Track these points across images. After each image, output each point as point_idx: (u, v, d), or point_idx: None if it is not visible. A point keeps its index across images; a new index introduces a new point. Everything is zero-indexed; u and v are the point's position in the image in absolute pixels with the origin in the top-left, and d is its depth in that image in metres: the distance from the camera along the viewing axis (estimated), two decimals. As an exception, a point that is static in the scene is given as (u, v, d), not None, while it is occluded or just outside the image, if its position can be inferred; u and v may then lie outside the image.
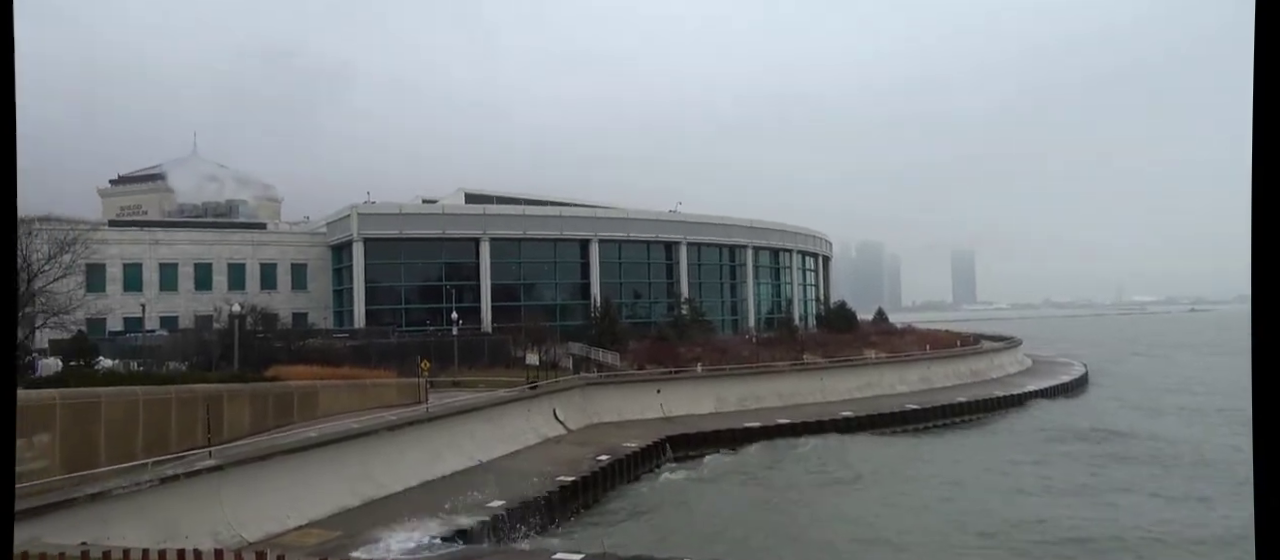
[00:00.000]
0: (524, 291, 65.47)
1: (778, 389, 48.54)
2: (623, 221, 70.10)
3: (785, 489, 30.17)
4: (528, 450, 33.54)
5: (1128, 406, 52.11)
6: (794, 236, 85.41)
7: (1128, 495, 28.25)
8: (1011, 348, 75.10)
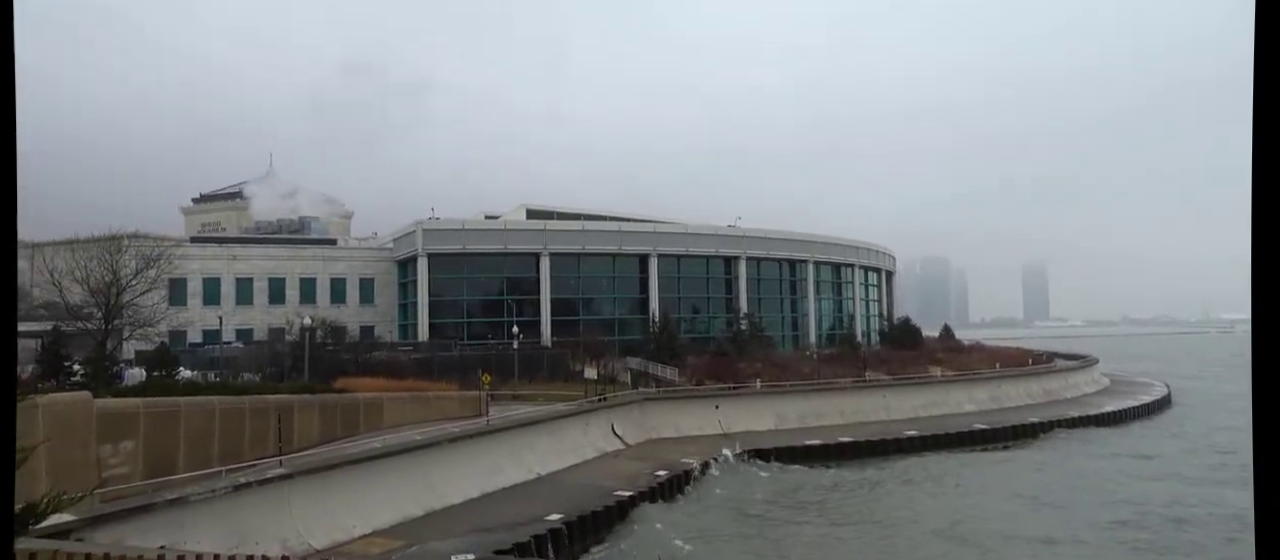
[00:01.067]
0: (583, 306, 65.99)
1: (839, 406, 47.61)
2: (682, 236, 70.12)
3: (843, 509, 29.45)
4: (586, 464, 33.64)
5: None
6: (856, 251, 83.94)
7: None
8: (1087, 366, 72.06)
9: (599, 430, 37.64)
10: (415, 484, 24.90)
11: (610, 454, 36.20)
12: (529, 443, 32.06)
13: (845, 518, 28.19)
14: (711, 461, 35.19)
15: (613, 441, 37.88)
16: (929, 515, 28.36)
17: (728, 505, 30.00)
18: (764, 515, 28.59)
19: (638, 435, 40.25)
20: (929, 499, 31.18)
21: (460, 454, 27.84)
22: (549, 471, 31.39)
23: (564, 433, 34.74)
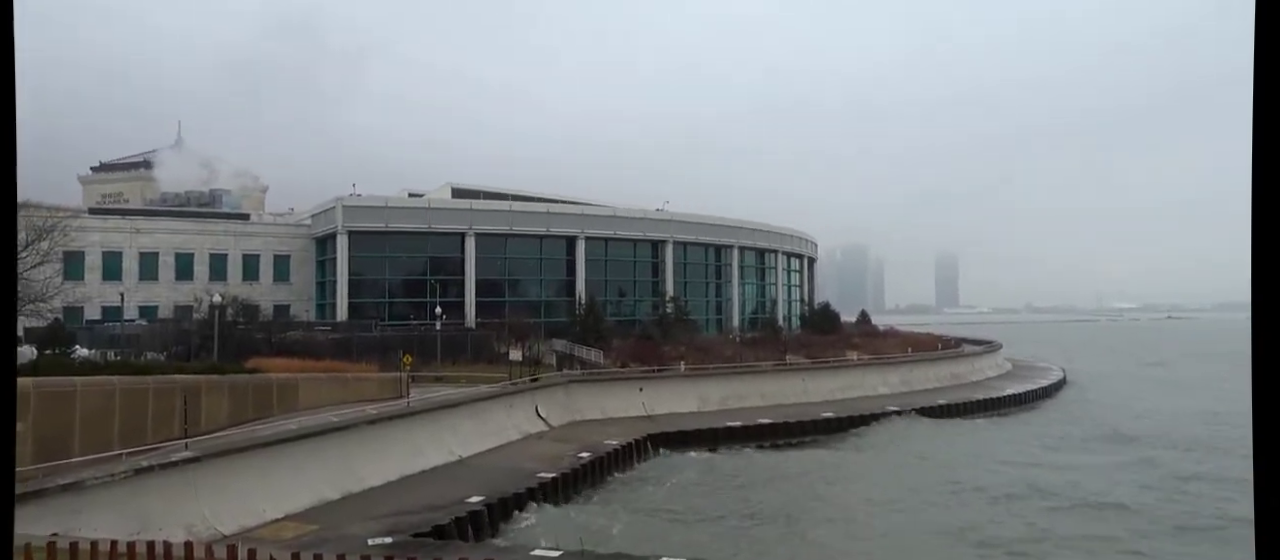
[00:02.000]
0: (509, 287, 65.38)
1: (760, 389, 48.65)
2: (610, 219, 70.15)
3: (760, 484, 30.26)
4: (510, 446, 33.43)
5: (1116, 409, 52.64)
6: (780, 237, 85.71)
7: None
8: (991, 351, 75.71)
9: (523, 412, 37.44)
10: (332, 467, 24.27)
11: (534, 436, 36.05)
12: (451, 425, 31.64)
13: (756, 496, 28.96)
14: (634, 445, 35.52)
15: (536, 423, 37.73)
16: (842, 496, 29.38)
17: (651, 487, 30.39)
18: (684, 503, 29.09)
19: (562, 417, 40.17)
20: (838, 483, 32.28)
21: (379, 436, 27.27)
22: (471, 454, 31.07)
23: (487, 415, 34.42)
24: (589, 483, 29.86)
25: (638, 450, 35.57)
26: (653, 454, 36.13)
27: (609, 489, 30.04)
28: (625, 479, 31.83)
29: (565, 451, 32.20)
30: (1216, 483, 30.68)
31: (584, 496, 28.57)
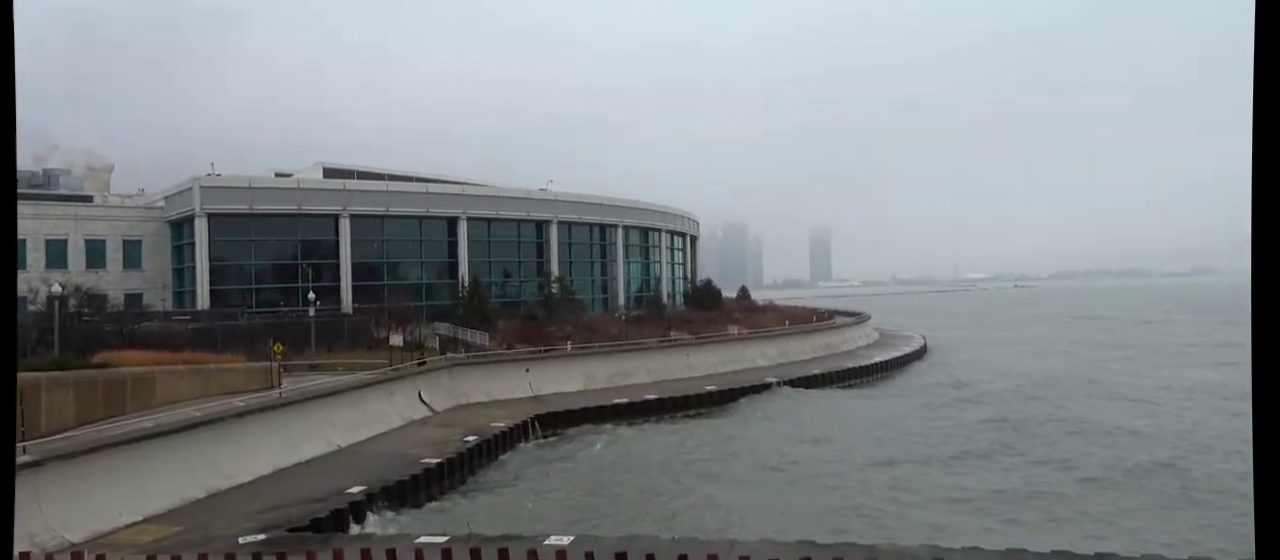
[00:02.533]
0: (387, 270, 63.07)
1: (646, 366, 49.41)
2: (493, 199, 68.81)
3: (645, 463, 30.86)
4: (391, 433, 32.48)
5: (964, 375, 56.90)
6: (663, 216, 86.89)
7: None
8: (861, 322, 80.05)
9: (405, 398, 36.41)
10: (196, 464, 22.76)
11: (417, 422, 35.17)
12: (328, 415, 30.34)
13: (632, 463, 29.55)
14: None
15: (420, 409, 36.81)
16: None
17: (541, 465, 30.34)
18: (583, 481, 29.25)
19: (446, 401, 39.39)
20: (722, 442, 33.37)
21: (249, 430, 25.78)
22: (350, 443, 29.95)
23: (367, 402, 33.23)
24: (476, 465, 29.45)
25: (526, 431, 35.41)
26: (541, 434, 36.06)
27: (498, 471, 29.74)
28: (514, 460, 31.62)
29: (451, 436, 31.59)
30: (1056, 424, 34.09)
31: (471, 479, 28.17)
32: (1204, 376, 51.30)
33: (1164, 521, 21.69)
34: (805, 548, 16.13)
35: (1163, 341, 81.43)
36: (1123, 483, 25.68)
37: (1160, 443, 31.48)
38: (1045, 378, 52.92)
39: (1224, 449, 29.78)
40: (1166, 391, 46.08)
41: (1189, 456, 29.00)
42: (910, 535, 19.60)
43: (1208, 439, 32.02)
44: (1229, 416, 36.51)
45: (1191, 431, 33.83)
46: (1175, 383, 49.17)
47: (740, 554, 5.39)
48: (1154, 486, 25.23)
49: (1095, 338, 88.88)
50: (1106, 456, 29.52)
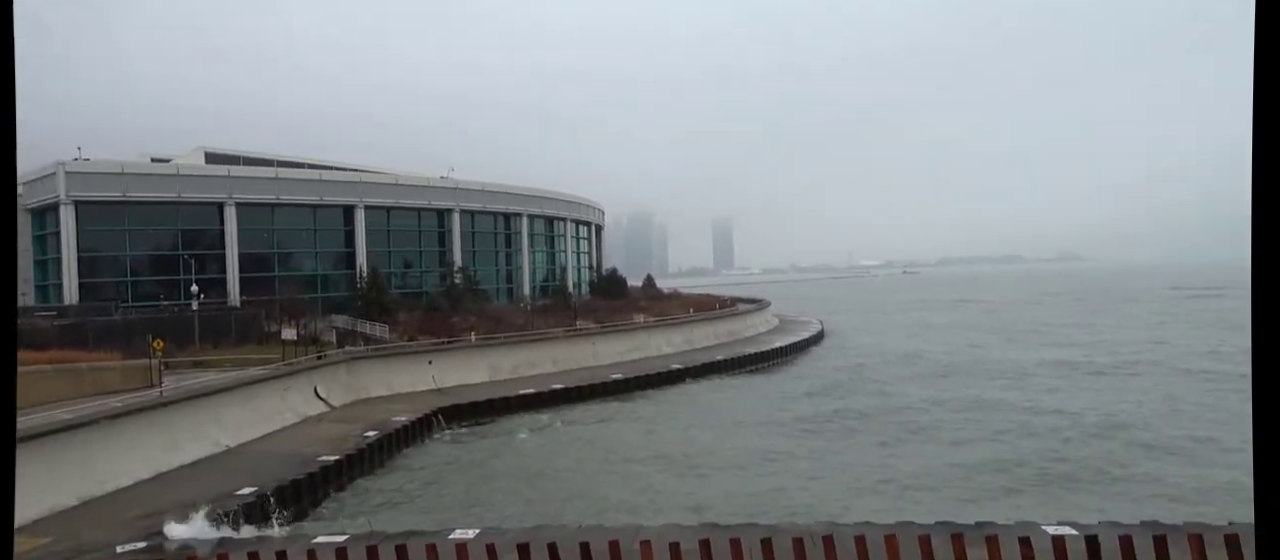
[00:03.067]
0: (279, 261, 60.12)
1: (552, 355, 49.27)
2: (392, 187, 66.58)
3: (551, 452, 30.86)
4: (286, 431, 31.22)
5: (858, 361, 59.47)
6: (569, 205, 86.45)
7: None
8: (762, 309, 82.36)
9: (300, 394, 35.02)
10: (65, 470, 21.19)
11: (314, 418, 33.93)
12: (215, 414, 28.82)
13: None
14: (425, 417, 34.55)
15: (316, 405, 35.52)
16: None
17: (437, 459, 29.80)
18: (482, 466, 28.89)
19: (345, 396, 38.17)
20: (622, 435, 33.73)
21: (127, 432, 24.19)
22: (240, 442, 28.58)
23: (258, 399, 31.75)
24: (377, 462, 28.67)
25: (428, 425, 34.71)
26: (444, 427, 35.43)
27: (399, 466, 29.04)
28: (415, 454, 30.96)
29: (350, 432, 30.67)
30: (942, 406, 36.18)
31: (372, 476, 27.41)
32: (1069, 355, 55.68)
33: (1040, 494, 23.45)
34: (707, 529, 16.60)
35: (1037, 322, 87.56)
36: (1016, 461, 27.46)
37: (1039, 418, 33.92)
38: (935, 362, 56.00)
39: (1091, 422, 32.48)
40: (1040, 367, 49.70)
41: (1067, 431, 31.45)
42: (816, 514, 20.43)
43: (1078, 414, 34.76)
44: (1093, 394, 39.84)
45: (1062, 408, 36.62)
46: (1046, 360, 53.08)
47: (642, 538, 5.54)
48: (1035, 461, 27.20)
49: (977, 322, 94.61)
50: (994, 433, 31.62)
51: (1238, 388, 38.02)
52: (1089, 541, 6.98)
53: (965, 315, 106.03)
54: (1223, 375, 43.28)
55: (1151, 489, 22.94)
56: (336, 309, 54.48)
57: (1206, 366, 47.45)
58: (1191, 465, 25.47)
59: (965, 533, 7.08)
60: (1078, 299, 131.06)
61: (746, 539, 5.97)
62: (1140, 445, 28.41)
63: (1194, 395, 38.13)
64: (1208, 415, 33.11)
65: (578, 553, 5.23)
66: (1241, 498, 20.32)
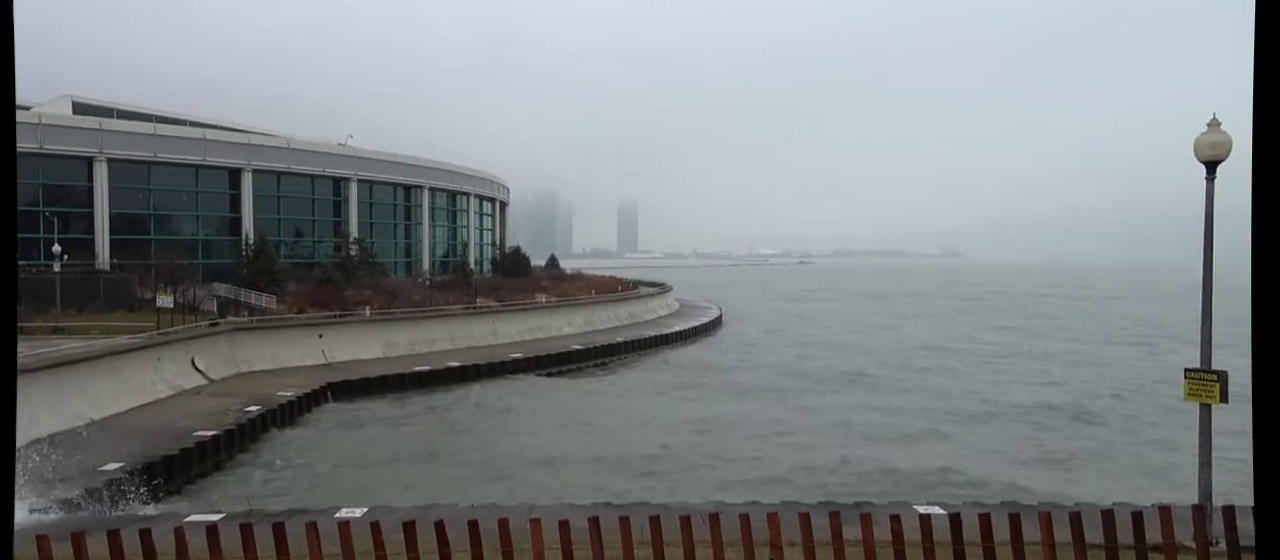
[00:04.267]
0: (155, 224, 56.13)
1: (450, 332, 48.31)
2: (283, 151, 63.22)
3: (442, 429, 30.37)
4: (157, 404, 29.37)
5: (755, 344, 61.20)
6: (472, 180, 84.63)
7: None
8: (664, 293, 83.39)
9: (175, 365, 32.98)
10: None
11: (190, 391, 32.08)
12: (77, 384, 26.76)
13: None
14: (313, 393, 33.23)
15: (194, 377, 33.57)
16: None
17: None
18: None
19: (226, 369, 36.28)
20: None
21: (-28, 402, 22.09)
22: (105, 415, 26.68)
23: (127, 370, 29.68)
24: (258, 438, 27.43)
25: (315, 400, 33.44)
26: (331, 402, 34.23)
27: (282, 443, 27.86)
28: (300, 432, 29.76)
29: (230, 406, 29.24)
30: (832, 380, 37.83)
31: (251, 453, 26.18)
32: (956, 343, 59.29)
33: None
34: (598, 508, 16.79)
35: (924, 311, 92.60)
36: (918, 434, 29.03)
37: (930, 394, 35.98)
38: (824, 343, 58.29)
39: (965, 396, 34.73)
40: (925, 351, 52.65)
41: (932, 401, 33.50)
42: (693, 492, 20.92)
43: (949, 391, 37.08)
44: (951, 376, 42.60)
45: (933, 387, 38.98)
46: (933, 345, 56.29)
47: (531, 517, 5.58)
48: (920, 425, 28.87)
49: (873, 309, 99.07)
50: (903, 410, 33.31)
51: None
52: (952, 519, 7.52)
53: (862, 306, 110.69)
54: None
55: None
56: (219, 277, 51.54)
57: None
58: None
59: (842, 511, 7.55)
60: (961, 298, 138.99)
61: (635, 517, 6.07)
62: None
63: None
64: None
65: (466, 532, 5.19)
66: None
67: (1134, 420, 32.74)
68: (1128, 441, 29.11)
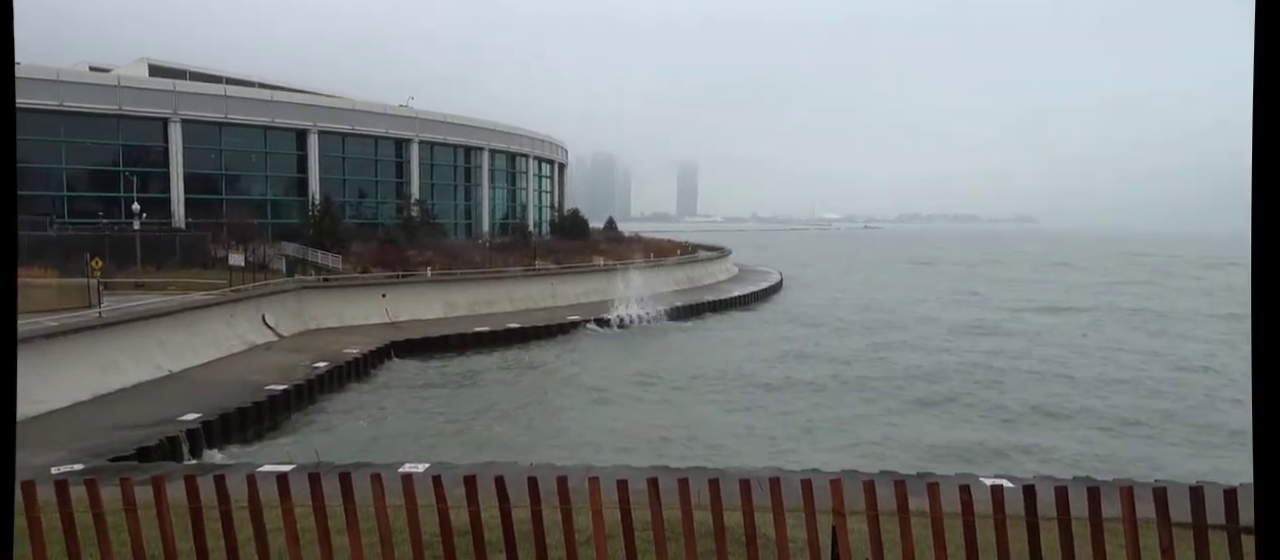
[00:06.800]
0: (226, 184, 58.31)
1: (510, 294, 49.05)
2: (348, 113, 64.68)
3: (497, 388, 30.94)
4: (231, 358, 30.70)
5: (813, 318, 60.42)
6: (531, 142, 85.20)
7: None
8: (723, 257, 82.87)
9: (247, 322, 34.38)
10: (-4, 390, 20.55)
11: (261, 347, 33.39)
12: (158, 337, 28.16)
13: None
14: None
15: (264, 333, 34.93)
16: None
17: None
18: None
19: (294, 326, 37.61)
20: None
21: (63, 352, 23.52)
22: (184, 368, 28.06)
23: (203, 325, 31.09)
24: (328, 392, 28.44)
25: (380, 357, 34.44)
26: (396, 360, 35.19)
27: (352, 397, 28.82)
28: (368, 387, 30.73)
29: (299, 362, 30.32)
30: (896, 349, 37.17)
31: (320, 407, 27.18)
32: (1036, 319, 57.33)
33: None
34: (656, 471, 16.88)
35: (999, 280, 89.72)
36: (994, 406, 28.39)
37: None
38: (885, 312, 57.13)
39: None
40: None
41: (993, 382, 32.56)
42: (768, 459, 20.89)
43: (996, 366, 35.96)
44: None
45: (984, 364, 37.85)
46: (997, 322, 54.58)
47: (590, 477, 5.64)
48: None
49: (938, 282, 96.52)
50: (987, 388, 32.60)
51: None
52: (1026, 490, 7.29)
53: (928, 276, 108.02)
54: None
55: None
56: (287, 237, 53.27)
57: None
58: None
59: (908, 480, 7.40)
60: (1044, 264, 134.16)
61: (694, 480, 6.05)
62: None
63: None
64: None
65: (526, 488, 5.24)
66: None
67: None
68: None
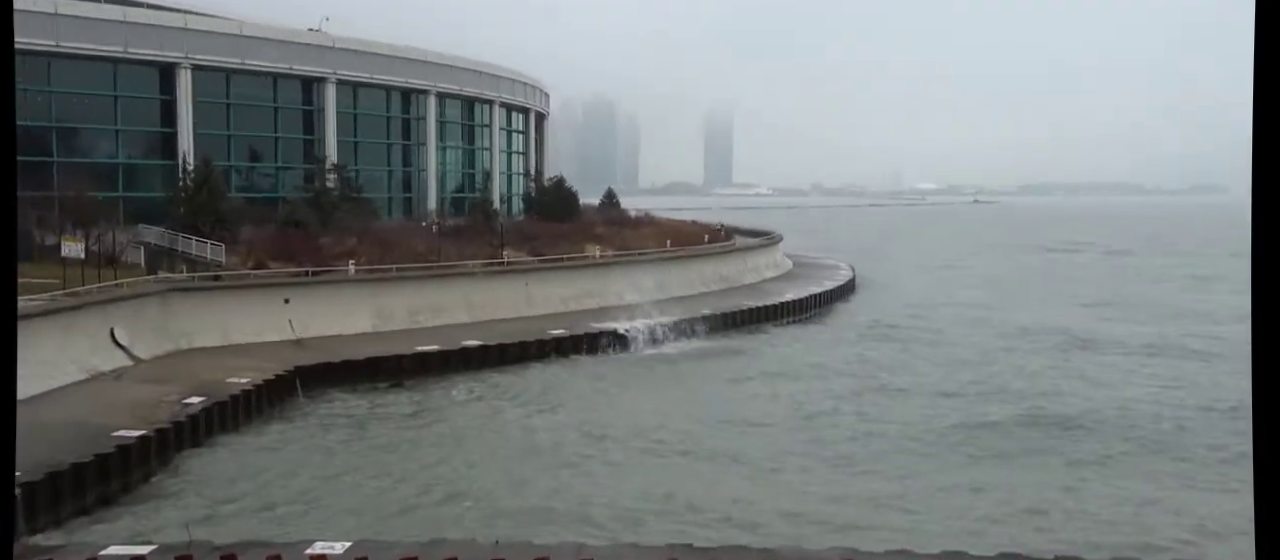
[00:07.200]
0: (59, 141, 58.07)
1: (467, 297, 49.02)
2: (234, 40, 64.35)
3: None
4: (65, 392, 30.82)
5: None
6: (497, 82, 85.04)
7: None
8: (770, 246, 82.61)
9: (89, 339, 34.59)
10: None
11: (109, 375, 33.66)
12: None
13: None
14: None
15: (114, 355, 35.15)
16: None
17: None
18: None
19: (158, 345, 37.87)
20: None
21: None
22: (-5, 406, 27.82)
23: (23, 344, 30.81)
24: (203, 439, 28.64)
25: (284, 391, 34.54)
26: (303, 396, 35.22)
27: (240, 447, 29.04)
28: (261, 432, 30.88)
29: (163, 396, 30.52)
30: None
31: (194, 460, 27.19)
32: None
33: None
34: (678, 551, 16.78)
35: (1176, 277, 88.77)
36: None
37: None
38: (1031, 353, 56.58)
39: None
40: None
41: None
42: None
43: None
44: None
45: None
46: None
47: (583, 557, 5.28)
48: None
49: (1090, 278, 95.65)
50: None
51: None
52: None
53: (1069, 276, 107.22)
54: None
55: None
56: (147, 217, 53.24)
57: None
58: None
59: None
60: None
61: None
62: None
63: None
64: None
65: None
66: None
67: None
68: None
